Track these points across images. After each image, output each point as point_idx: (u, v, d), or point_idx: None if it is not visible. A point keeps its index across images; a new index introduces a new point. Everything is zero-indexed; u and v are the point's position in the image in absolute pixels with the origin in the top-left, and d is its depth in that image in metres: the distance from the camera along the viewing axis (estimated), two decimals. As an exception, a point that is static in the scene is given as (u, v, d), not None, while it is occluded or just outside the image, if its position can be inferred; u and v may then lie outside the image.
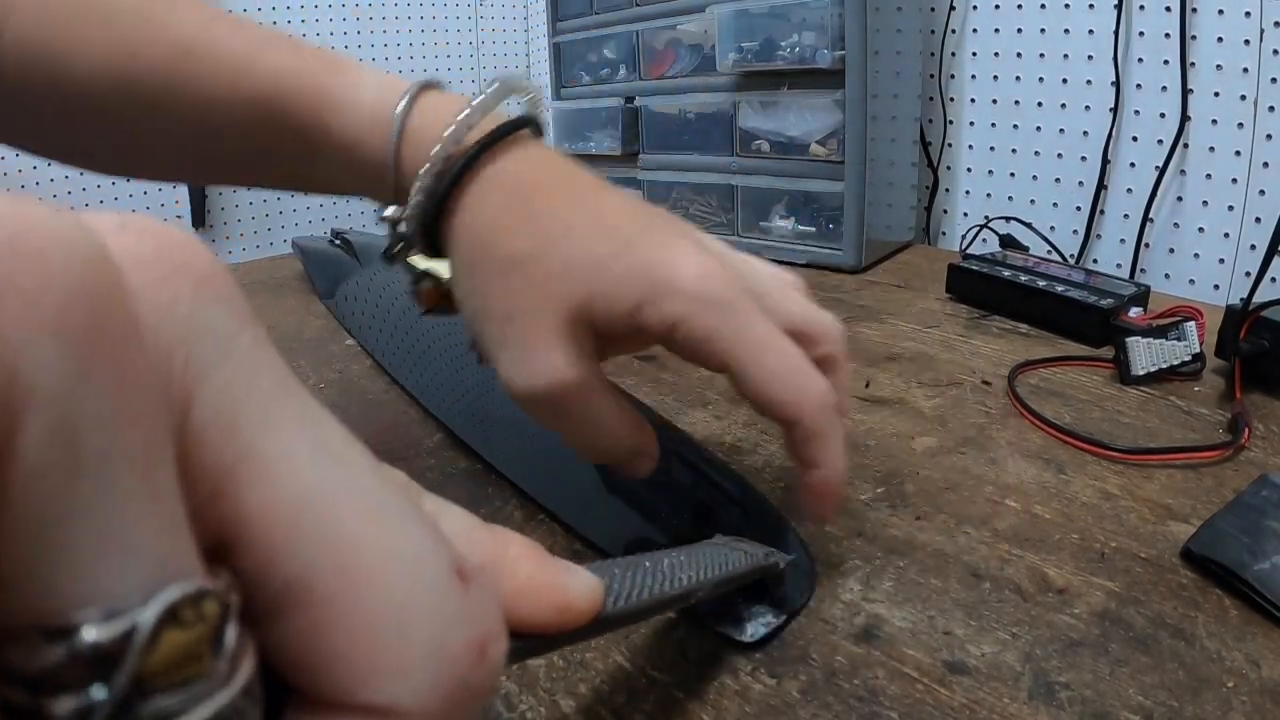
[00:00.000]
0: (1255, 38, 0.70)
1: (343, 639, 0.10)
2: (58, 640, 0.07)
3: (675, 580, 0.21)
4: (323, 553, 0.10)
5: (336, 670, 0.10)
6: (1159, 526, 0.33)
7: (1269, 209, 0.71)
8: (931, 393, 0.47)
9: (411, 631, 0.11)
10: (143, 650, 0.08)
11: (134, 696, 0.08)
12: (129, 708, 0.08)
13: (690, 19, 0.83)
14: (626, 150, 0.92)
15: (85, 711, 0.07)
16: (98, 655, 0.07)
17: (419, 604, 0.11)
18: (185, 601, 0.08)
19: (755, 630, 0.27)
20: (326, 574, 0.10)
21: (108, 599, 0.07)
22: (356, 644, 0.10)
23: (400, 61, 1.58)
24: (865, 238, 0.75)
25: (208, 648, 0.09)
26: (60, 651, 0.07)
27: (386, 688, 0.10)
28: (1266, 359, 0.44)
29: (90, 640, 0.07)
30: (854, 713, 0.24)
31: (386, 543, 0.11)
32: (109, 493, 0.08)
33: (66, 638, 0.07)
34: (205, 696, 0.08)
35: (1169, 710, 0.23)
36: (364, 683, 0.10)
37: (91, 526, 0.07)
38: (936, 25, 0.91)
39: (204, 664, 0.08)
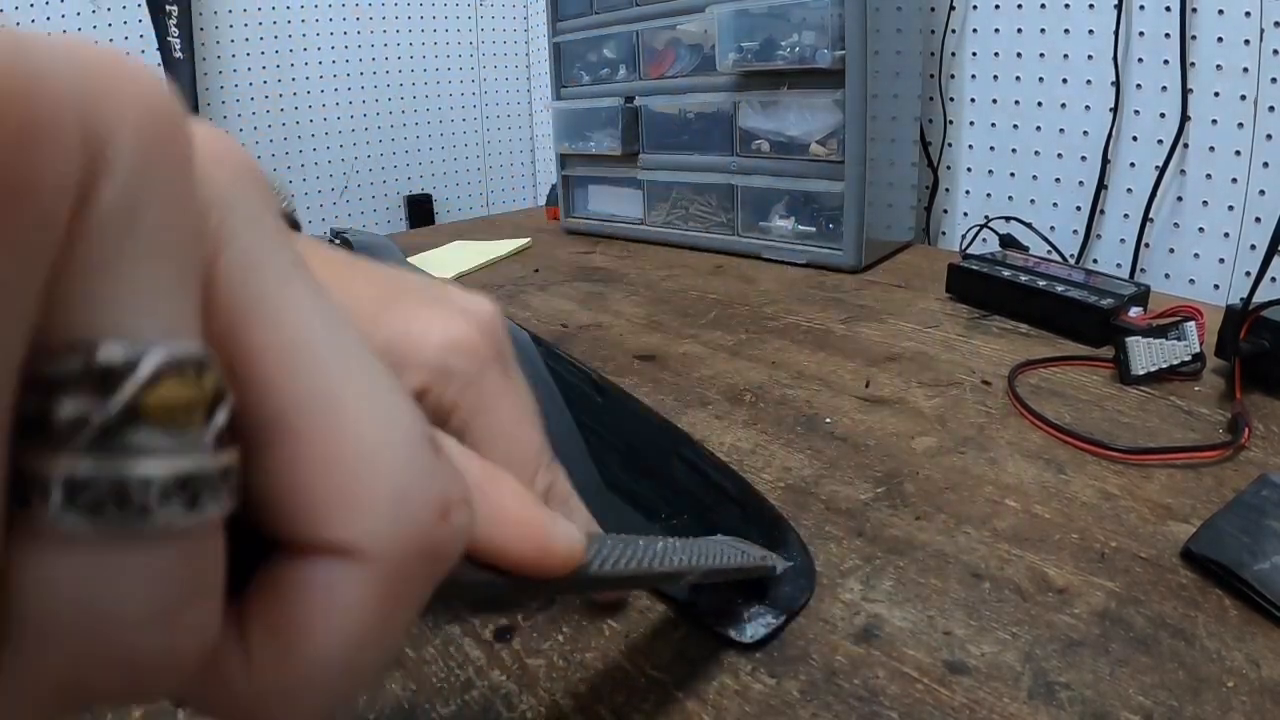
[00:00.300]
0: (1255, 38, 0.70)
1: (315, 472, 0.11)
2: (79, 353, 0.08)
3: (666, 559, 0.21)
4: (309, 391, 0.11)
5: (306, 504, 0.11)
6: (1159, 526, 0.33)
7: (1269, 209, 0.71)
8: (931, 393, 0.47)
9: (379, 473, 0.11)
10: (145, 382, 0.09)
11: (126, 421, 0.09)
12: (118, 431, 0.08)
13: (690, 19, 0.83)
14: (626, 150, 0.92)
15: (82, 420, 0.08)
16: (107, 374, 0.08)
17: (390, 451, 0.12)
18: (191, 360, 0.09)
19: (755, 631, 0.27)
20: (309, 410, 0.11)
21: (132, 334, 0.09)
22: (327, 477, 0.11)
23: (400, 61, 1.58)
24: (865, 238, 0.75)
25: (200, 413, 0.09)
26: (78, 361, 0.08)
27: (350, 524, 0.11)
28: (1266, 359, 0.44)
29: (105, 358, 0.08)
30: (854, 713, 0.24)
31: (367, 393, 0.12)
32: (151, 258, 0.09)
33: (87, 352, 0.08)
34: (186, 451, 0.09)
35: (1169, 710, 0.23)
36: (330, 517, 0.11)
37: (131, 278, 0.09)
38: (936, 25, 0.91)
39: (193, 423, 0.09)
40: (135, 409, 0.09)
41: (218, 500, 0.10)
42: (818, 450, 0.40)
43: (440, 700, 0.25)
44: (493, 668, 0.26)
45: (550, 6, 0.96)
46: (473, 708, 0.25)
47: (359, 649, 0.11)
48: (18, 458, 0.08)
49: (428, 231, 1.13)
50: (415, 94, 1.62)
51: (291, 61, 1.46)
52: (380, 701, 0.25)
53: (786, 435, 0.42)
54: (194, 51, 1.34)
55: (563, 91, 0.99)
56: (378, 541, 0.11)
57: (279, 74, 1.45)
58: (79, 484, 0.08)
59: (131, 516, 0.09)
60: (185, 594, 0.09)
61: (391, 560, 0.11)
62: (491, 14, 1.68)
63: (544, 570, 0.16)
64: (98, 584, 0.09)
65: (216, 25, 1.37)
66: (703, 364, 0.53)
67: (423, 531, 0.12)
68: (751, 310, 0.65)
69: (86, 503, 0.08)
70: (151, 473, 0.09)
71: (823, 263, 0.78)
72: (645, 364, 0.53)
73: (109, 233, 0.09)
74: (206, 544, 0.10)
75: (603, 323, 0.63)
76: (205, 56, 1.37)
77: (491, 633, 0.28)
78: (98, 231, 0.08)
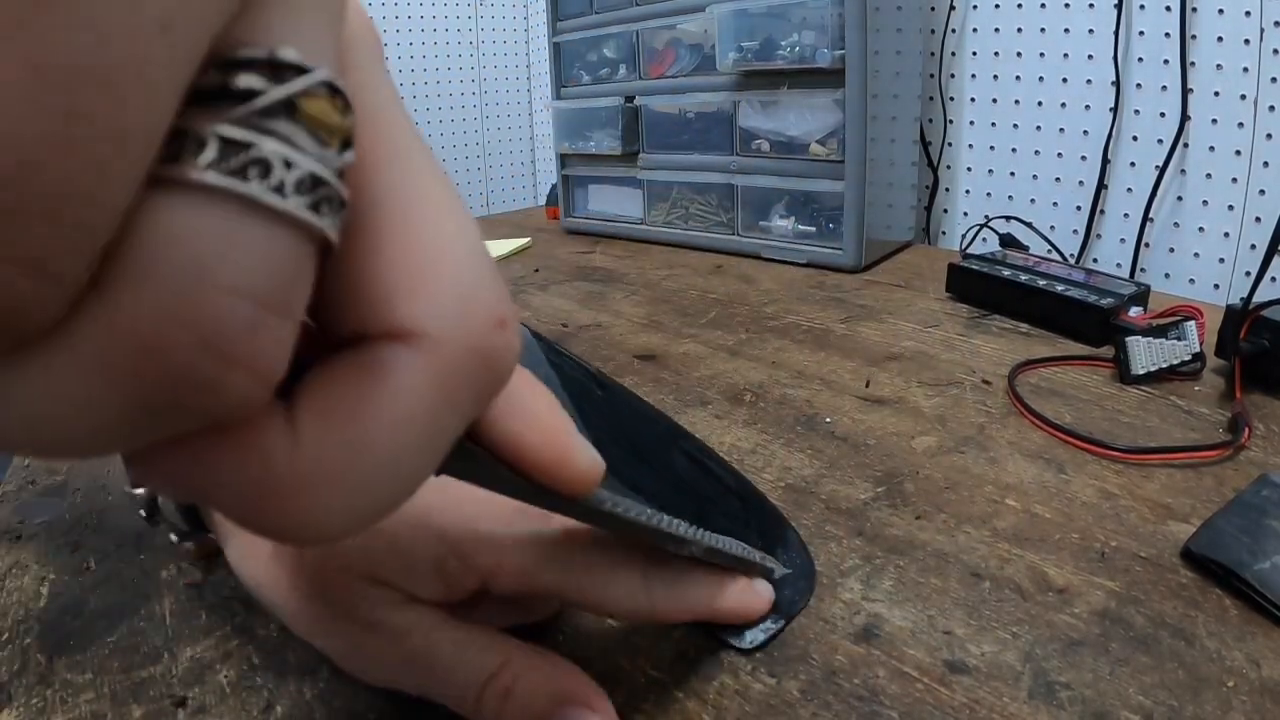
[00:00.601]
0: (1255, 37, 0.70)
1: (396, 256, 0.12)
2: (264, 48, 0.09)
3: (673, 525, 0.22)
4: (401, 180, 0.12)
5: (380, 288, 0.12)
6: (1159, 526, 0.33)
7: (1269, 208, 0.71)
8: (931, 392, 0.47)
9: (451, 268, 0.12)
10: (309, 86, 0.10)
11: (284, 110, 0.10)
12: (276, 113, 0.09)
13: (690, 18, 0.83)
14: (626, 150, 0.92)
15: (252, 92, 0.09)
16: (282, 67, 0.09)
17: (462, 253, 0.13)
18: (341, 93, 0.10)
19: (754, 637, 0.27)
20: (399, 197, 0.12)
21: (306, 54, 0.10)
22: (406, 262, 0.12)
23: (400, 61, 1.58)
24: (865, 237, 0.75)
25: (338, 139, 0.10)
26: (262, 52, 0.09)
27: (419, 309, 0.12)
28: (1266, 358, 0.44)
29: (284, 55, 0.10)
30: (854, 712, 0.24)
31: (448, 204, 0.13)
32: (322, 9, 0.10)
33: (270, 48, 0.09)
34: (322, 160, 0.10)
35: (1169, 710, 0.23)
36: (401, 300, 0.12)
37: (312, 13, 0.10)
38: (936, 25, 0.91)
39: (333, 143, 0.10)
40: (295, 105, 0.10)
41: (333, 219, 0.10)
42: (818, 450, 0.40)
43: (440, 700, 0.25)
44: None
45: (550, 6, 0.96)
46: (473, 707, 0.24)
47: (405, 441, 0.12)
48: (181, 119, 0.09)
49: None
50: (415, 94, 1.62)
51: (291, 61, 1.46)
52: (380, 701, 0.25)
53: (786, 435, 0.42)
54: (194, 51, 1.34)
55: (563, 91, 0.99)
56: (443, 329, 0.12)
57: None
58: (233, 145, 0.09)
59: (268, 190, 0.09)
60: (280, 293, 0.10)
61: (451, 351, 0.12)
62: (491, 14, 1.68)
63: (562, 481, 0.16)
64: (214, 243, 0.09)
65: (216, 25, 1.37)
66: (703, 364, 0.53)
67: (482, 332, 0.12)
68: (751, 310, 0.65)
69: (234, 164, 0.09)
70: (296, 159, 0.10)
71: (823, 262, 0.78)
72: (645, 363, 0.53)
73: None
74: (307, 261, 0.10)
75: (603, 322, 0.63)
76: (205, 56, 1.37)
77: (491, 632, 0.28)
78: None
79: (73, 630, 0.28)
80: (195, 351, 0.09)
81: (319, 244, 0.10)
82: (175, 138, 0.09)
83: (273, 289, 0.10)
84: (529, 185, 1.82)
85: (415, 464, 0.12)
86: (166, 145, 0.09)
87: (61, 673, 0.26)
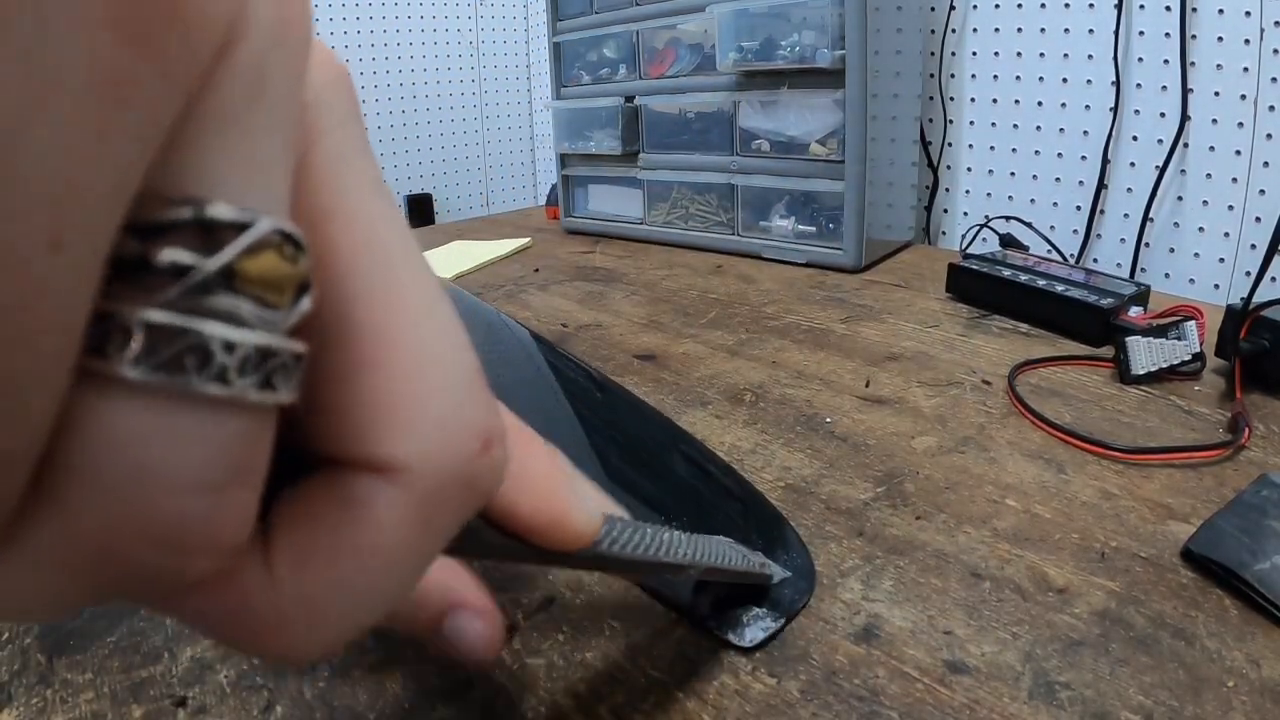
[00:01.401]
0: (1255, 37, 0.70)
1: (368, 384, 0.11)
2: (190, 205, 0.08)
3: (672, 552, 0.21)
4: (377, 298, 0.11)
5: (355, 415, 0.11)
6: (1159, 526, 0.33)
7: (1269, 208, 0.71)
8: (931, 392, 0.47)
9: (432, 393, 0.11)
10: (247, 248, 0.09)
11: (220, 282, 0.08)
12: (212, 289, 0.08)
13: (690, 18, 0.83)
14: (626, 150, 0.92)
15: (181, 269, 0.08)
16: (214, 230, 0.08)
17: (444, 371, 0.12)
18: (290, 238, 0.09)
19: (754, 635, 0.27)
20: (375, 315, 0.11)
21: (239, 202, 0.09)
22: (380, 390, 0.11)
23: (400, 61, 1.58)
24: (865, 237, 0.75)
25: (289, 293, 0.09)
26: (188, 213, 0.08)
27: (397, 441, 0.11)
28: (1266, 358, 0.44)
29: (215, 214, 0.08)
30: (854, 712, 0.24)
31: (429, 310, 0.12)
32: (269, 132, 0.09)
33: (198, 206, 0.08)
34: (269, 327, 0.09)
35: (1169, 710, 0.23)
36: (378, 431, 0.11)
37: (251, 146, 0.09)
38: (936, 25, 0.91)
39: (281, 302, 0.09)
40: (233, 272, 0.08)
41: (288, 386, 0.10)
42: (818, 450, 0.40)
43: (440, 700, 0.25)
44: (493, 667, 0.26)
45: (550, 6, 0.96)
46: (473, 708, 0.25)
47: (386, 573, 0.11)
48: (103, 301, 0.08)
49: (428, 231, 1.13)
50: (415, 94, 1.62)
51: (291, 61, 1.46)
52: (380, 701, 0.25)
53: (786, 435, 0.42)
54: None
55: (563, 91, 0.99)
56: (423, 462, 0.11)
57: (279, 74, 1.45)
58: (163, 334, 0.08)
59: (208, 380, 0.08)
60: (236, 473, 0.09)
61: (433, 484, 0.11)
62: (491, 14, 1.68)
63: (555, 543, 0.15)
64: (155, 444, 0.08)
65: (216, 25, 1.37)
66: (703, 364, 0.53)
67: (465, 458, 0.12)
68: (751, 310, 0.65)
69: (166, 356, 0.08)
70: (238, 339, 0.09)
71: (823, 262, 0.78)
72: (645, 364, 0.53)
73: (237, 94, 0.09)
74: (264, 429, 0.10)
75: (603, 322, 0.63)
76: (205, 56, 1.37)
77: (491, 632, 0.28)
78: (228, 90, 0.09)
79: (73, 630, 0.28)
80: (151, 552, 0.09)
81: (275, 409, 0.10)
82: (100, 323, 0.08)
83: (228, 473, 0.09)
84: (529, 185, 1.82)
85: (397, 588, 0.12)
86: (91, 333, 0.08)
87: (61, 673, 0.26)
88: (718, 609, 0.28)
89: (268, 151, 0.09)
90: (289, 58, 0.09)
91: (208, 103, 0.08)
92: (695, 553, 0.22)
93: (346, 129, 0.12)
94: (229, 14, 0.08)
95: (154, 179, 0.08)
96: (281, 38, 0.09)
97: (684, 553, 0.22)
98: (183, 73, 0.08)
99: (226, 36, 0.08)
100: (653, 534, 0.20)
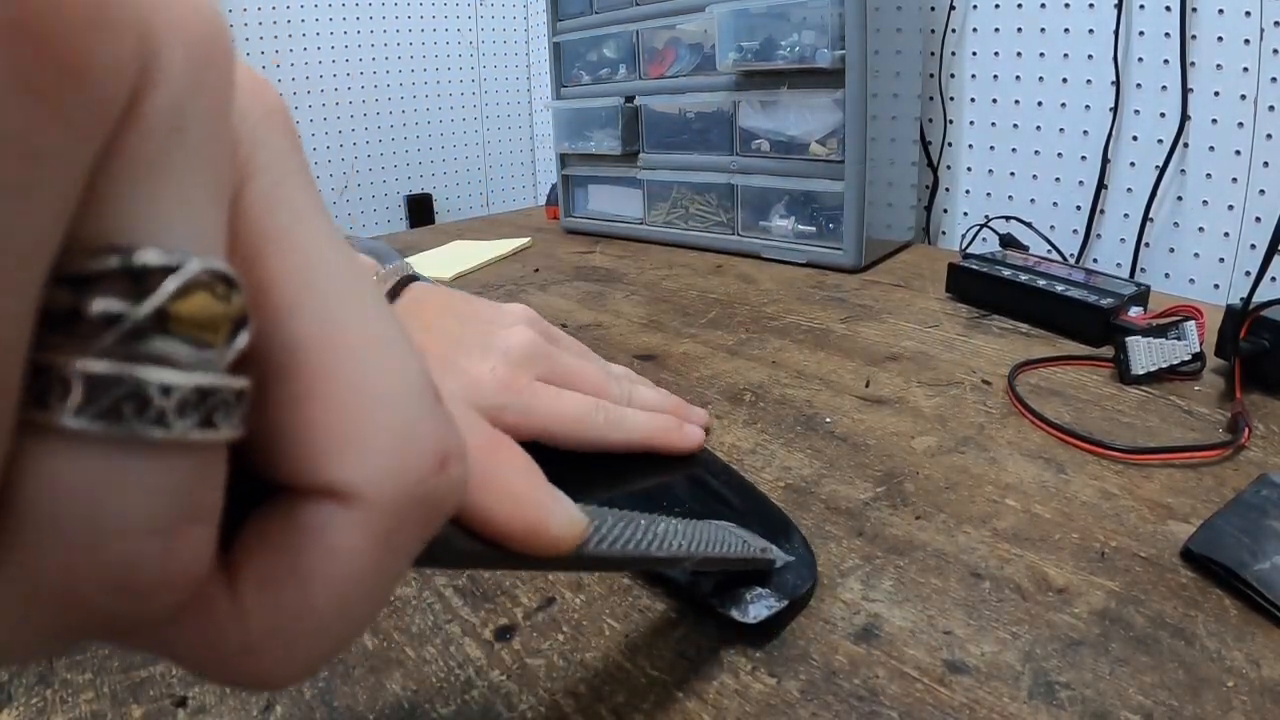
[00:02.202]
0: (1255, 37, 0.70)
1: (318, 410, 0.11)
2: (117, 253, 0.08)
3: (666, 544, 0.21)
4: (321, 325, 0.11)
5: (306, 444, 0.11)
6: (1159, 526, 0.33)
7: (1269, 208, 0.71)
8: (931, 392, 0.47)
9: (383, 416, 0.11)
10: (177, 290, 0.09)
11: (155, 326, 0.08)
12: (146, 334, 0.08)
13: (690, 18, 0.83)
14: (626, 149, 0.92)
15: (112, 318, 0.08)
16: (143, 276, 0.08)
17: (394, 394, 0.12)
18: (222, 277, 0.09)
19: (758, 612, 0.27)
20: (319, 344, 0.11)
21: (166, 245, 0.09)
22: (329, 416, 0.11)
23: (400, 61, 1.58)
24: (865, 237, 0.75)
25: (224, 331, 0.09)
26: (115, 261, 0.08)
27: (351, 467, 0.11)
28: (1266, 358, 0.44)
29: (143, 260, 0.08)
30: (854, 712, 0.24)
31: (376, 336, 0.12)
32: (193, 173, 0.09)
33: (125, 253, 0.08)
34: (206, 366, 0.09)
35: (1169, 710, 0.23)
36: (330, 459, 0.11)
37: (172, 188, 0.09)
38: (936, 25, 0.91)
39: (218, 340, 0.09)
40: (166, 315, 0.09)
41: (231, 422, 0.10)
42: (818, 450, 0.40)
43: (440, 700, 0.25)
44: (493, 668, 0.26)
45: (550, 6, 0.96)
46: (473, 708, 0.25)
47: (350, 596, 0.11)
48: (39, 354, 0.08)
49: (428, 231, 1.13)
50: (415, 94, 1.62)
51: (291, 61, 1.46)
52: (380, 701, 0.25)
53: (786, 435, 0.42)
54: (194, 51, 1.34)
55: (563, 91, 0.99)
56: (377, 486, 0.11)
57: (279, 74, 1.45)
58: (100, 383, 0.08)
59: (148, 424, 0.09)
60: (187, 512, 0.09)
61: (389, 506, 0.11)
62: (491, 14, 1.68)
63: (535, 549, 0.15)
64: (103, 491, 0.09)
65: (216, 25, 1.37)
66: (703, 364, 0.53)
67: (421, 479, 0.12)
68: (751, 310, 0.65)
69: (105, 405, 0.08)
70: (174, 381, 0.09)
71: (823, 262, 0.78)
72: (645, 364, 0.53)
73: (155, 140, 0.09)
74: (212, 465, 0.10)
75: (603, 322, 0.63)
76: (205, 56, 1.37)
77: (492, 633, 0.28)
78: (144, 137, 0.09)
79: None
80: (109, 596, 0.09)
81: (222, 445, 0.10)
82: (40, 375, 0.08)
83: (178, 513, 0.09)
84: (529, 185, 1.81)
85: (365, 609, 0.12)
86: (31, 386, 0.08)
87: (61, 673, 0.26)
88: (720, 589, 0.28)
89: (195, 192, 0.09)
90: (209, 99, 0.09)
91: (126, 150, 0.08)
92: (691, 542, 0.22)
93: (284, 161, 0.12)
94: (136, 63, 0.08)
95: (81, 229, 0.08)
96: (198, 81, 0.09)
97: (679, 544, 0.22)
98: (92, 126, 0.08)
99: (136, 85, 0.08)
100: (646, 525, 0.20)
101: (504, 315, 0.39)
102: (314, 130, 1.51)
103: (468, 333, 0.37)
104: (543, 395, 0.36)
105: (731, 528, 0.27)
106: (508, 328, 0.38)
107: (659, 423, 0.38)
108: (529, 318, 0.39)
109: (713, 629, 0.27)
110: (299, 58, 1.47)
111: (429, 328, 0.38)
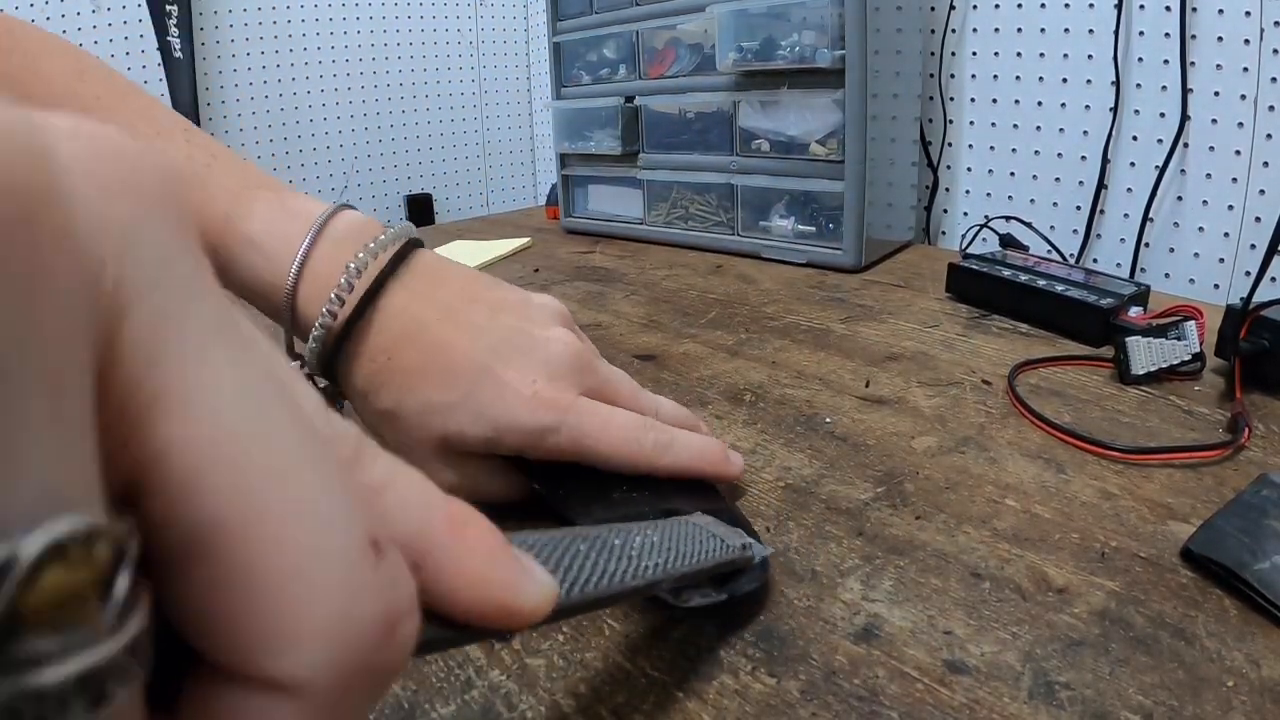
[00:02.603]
0: (1255, 37, 0.70)
1: (241, 600, 0.10)
2: None
3: (641, 569, 0.20)
4: (229, 503, 0.10)
5: (234, 635, 0.10)
6: (1159, 526, 0.33)
7: (1269, 208, 0.71)
8: (931, 392, 0.47)
9: (315, 599, 0.10)
10: (22, 583, 0.07)
11: (7, 634, 0.07)
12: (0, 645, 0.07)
13: (690, 18, 0.83)
14: (626, 149, 0.92)
15: None
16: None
17: (325, 571, 0.10)
18: (74, 538, 0.08)
19: (690, 598, 0.26)
20: (230, 526, 0.10)
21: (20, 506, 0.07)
22: (255, 606, 0.10)
23: (400, 61, 1.58)
24: (865, 237, 0.75)
25: (94, 593, 0.08)
26: None
27: (284, 658, 0.10)
28: (1266, 358, 0.44)
29: None
30: (854, 712, 0.24)
31: (295, 502, 0.10)
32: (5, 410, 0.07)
33: None
34: (85, 646, 0.08)
35: (1169, 710, 0.23)
36: (261, 651, 0.10)
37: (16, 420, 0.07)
38: (936, 25, 0.91)
39: (88, 610, 0.08)
40: (17, 614, 0.07)
41: (124, 683, 0.08)
42: (818, 450, 0.40)
43: (440, 700, 0.25)
44: (493, 668, 0.26)
45: (550, 6, 0.96)
46: (473, 708, 0.25)
47: None
48: None
49: (428, 231, 1.13)
50: (415, 94, 1.62)
51: (291, 61, 1.46)
52: (380, 701, 0.25)
53: (786, 435, 0.42)
54: (194, 51, 1.34)
55: (563, 91, 0.99)
56: (316, 674, 0.10)
57: (279, 74, 1.45)
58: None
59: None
60: None
61: (332, 689, 0.10)
62: (491, 14, 1.68)
63: (508, 627, 0.15)
64: None
65: (216, 25, 1.37)
66: (703, 364, 0.53)
67: (365, 654, 0.11)
68: (751, 310, 0.65)
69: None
70: (46, 682, 0.07)
71: (823, 262, 0.78)
72: (645, 364, 0.53)
73: None
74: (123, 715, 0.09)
75: (603, 322, 0.63)
76: (205, 56, 1.37)
77: (491, 632, 0.28)
78: None
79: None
80: None
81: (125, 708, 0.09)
82: None
83: None
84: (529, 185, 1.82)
85: None
86: None
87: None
88: None
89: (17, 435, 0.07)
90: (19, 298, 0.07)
91: None
92: (668, 559, 0.22)
93: (168, 275, 0.10)
94: None
95: None
96: None
97: (655, 562, 0.21)
98: None
99: None
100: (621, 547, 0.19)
101: (536, 309, 0.36)
102: (314, 130, 1.51)
103: (500, 330, 0.33)
104: (592, 416, 0.32)
105: (708, 523, 0.26)
106: (545, 330, 0.34)
107: (711, 450, 0.34)
108: (564, 316, 0.36)
109: (713, 629, 0.27)
110: (299, 58, 1.47)
111: (454, 316, 0.33)
